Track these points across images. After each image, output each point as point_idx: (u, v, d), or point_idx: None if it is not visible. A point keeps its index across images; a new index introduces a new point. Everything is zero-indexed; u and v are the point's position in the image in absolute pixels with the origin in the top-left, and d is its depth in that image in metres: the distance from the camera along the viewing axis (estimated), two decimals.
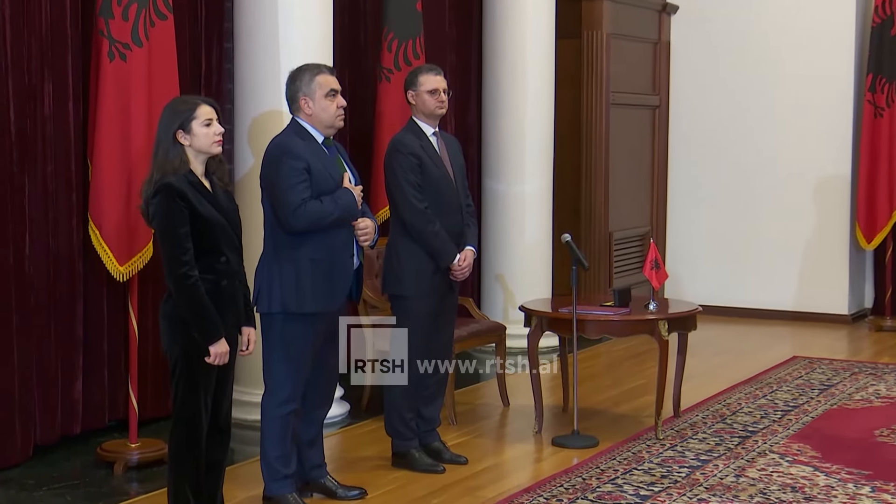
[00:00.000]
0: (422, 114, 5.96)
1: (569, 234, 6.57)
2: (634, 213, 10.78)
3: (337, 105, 5.22)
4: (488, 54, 9.22)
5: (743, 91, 10.87)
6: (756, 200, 10.86)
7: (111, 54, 5.75)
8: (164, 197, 4.47)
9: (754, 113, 10.83)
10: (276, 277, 5.13)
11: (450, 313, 6.11)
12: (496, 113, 9.15)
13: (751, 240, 10.92)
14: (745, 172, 10.90)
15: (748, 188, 10.90)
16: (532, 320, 6.67)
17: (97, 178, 5.79)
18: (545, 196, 9.22)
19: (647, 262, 6.72)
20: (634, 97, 10.69)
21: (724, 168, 11.00)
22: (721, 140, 11.01)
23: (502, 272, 9.14)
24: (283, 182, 5.06)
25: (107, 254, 5.81)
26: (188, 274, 4.47)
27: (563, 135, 9.87)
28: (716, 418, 7.04)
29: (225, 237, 4.61)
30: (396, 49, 7.79)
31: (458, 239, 5.95)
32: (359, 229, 5.23)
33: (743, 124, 10.90)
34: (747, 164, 10.89)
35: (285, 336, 5.15)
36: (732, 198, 10.98)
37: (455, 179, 5.98)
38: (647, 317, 6.54)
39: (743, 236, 10.95)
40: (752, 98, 10.83)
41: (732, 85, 10.91)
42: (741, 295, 10.90)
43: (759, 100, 10.80)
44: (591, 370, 8.47)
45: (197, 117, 4.58)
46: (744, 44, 10.84)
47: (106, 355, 6.46)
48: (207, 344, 4.53)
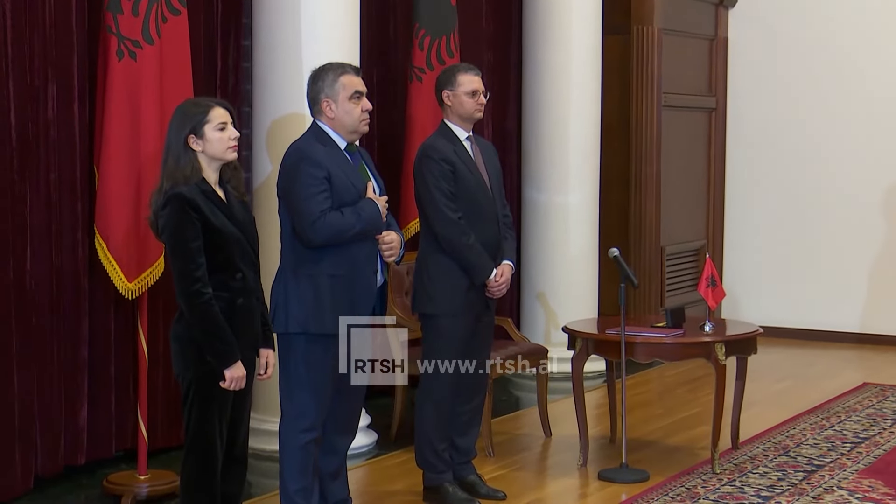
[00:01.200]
0: (457, 116, 5.97)
1: (616, 249, 6.55)
2: (688, 226, 10.77)
3: (362, 108, 5.23)
4: (528, 52, 9.22)
5: (808, 92, 10.83)
6: (822, 212, 10.82)
7: (120, 52, 5.77)
8: (174, 208, 4.48)
9: (820, 117, 10.79)
10: (294, 295, 5.14)
11: (486, 334, 6.11)
12: (537, 116, 9.15)
13: (816, 255, 10.87)
14: (809, 182, 10.86)
15: (813, 199, 10.85)
16: (576, 343, 6.67)
17: (104, 187, 5.81)
18: (590, 207, 9.22)
19: (702, 278, 6.70)
20: (688, 99, 10.68)
21: (787, 177, 10.96)
22: (783, 146, 10.97)
23: (544, 290, 9.13)
24: (302, 191, 5.06)
25: (114, 269, 5.84)
26: (201, 291, 4.47)
27: (610, 140, 9.86)
28: (778, 451, 7.01)
29: (241, 251, 4.61)
30: (428, 46, 7.80)
31: (494, 253, 5.94)
32: (383, 243, 5.22)
33: (807, 129, 10.85)
34: (812, 172, 10.85)
35: (304, 358, 5.16)
36: (796, 209, 10.94)
37: (491, 188, 5.98)
38: (702, 339, 6.52)
39: (807, 251, 10.90)
40: (818, 101, 10.78)
41: (796, 86, 10.88)
42: (805, 316, 10.84)
43: (825, 103, 10.76)
44: (641, 397, 8.45)
45: (210, 121, 4.58)
46: (810, 41, 10.80)
47: (113, 379, 6.48)
48: (222, 367, 4.53)
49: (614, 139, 10.03)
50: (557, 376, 8.15)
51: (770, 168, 11.04)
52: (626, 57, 10.11)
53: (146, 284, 5.92)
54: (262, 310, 4.79)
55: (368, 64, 7.80)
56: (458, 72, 6.01)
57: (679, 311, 6.72)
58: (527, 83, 9.26)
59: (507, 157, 9.30)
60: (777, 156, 11.01)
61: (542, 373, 7.32)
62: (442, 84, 6.01)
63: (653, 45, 10.07)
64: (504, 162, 7.82)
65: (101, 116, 5.87)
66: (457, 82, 5.96)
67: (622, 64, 10.10)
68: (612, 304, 9.04)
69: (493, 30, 9.35)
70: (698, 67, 10.87)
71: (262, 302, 4.80)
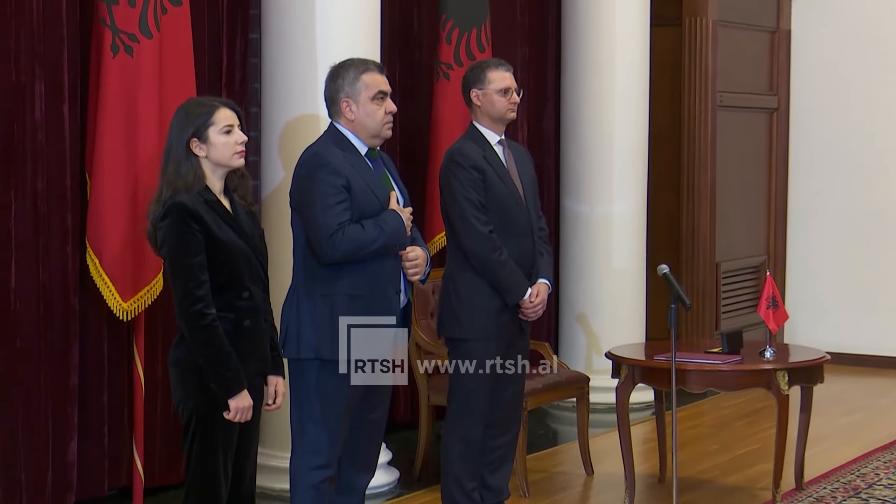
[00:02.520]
0: (487, 118, 5.98)
1: (666, 266, 6.49)
2: (747, 240, 10.75)
3: (385, 110, 5.22)
4: (568, 46, 9.23)
5: (882, 92, 10.81)
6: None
7: (115, 47, 5.81)
8: (174, 219, 4.49)
9: (895, 118, 10.77)
10: (307, 316, 5.13)
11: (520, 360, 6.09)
12: (578, 117, 9.16)
13: (890, 274, 10.83)
14: (882, 190, 10.84)
15: (886, 209, 10.83)
16: (621, 370, 6.67)
17: (97, 196, 5.84)
18: (637, 218, 9.22)
19: (762, 299, 6.70)
20: (747, 98, 10.68)
21: (858, 185, 10.94)
22: (854, 150, 10.95)
23: (584, 311, 9.14)
24: (318, 202, 5.06)
25: (108, 287, 5.88)
26: (204, 312, 4.48)
27: (659, 144, 9.87)
28: (847, 492, 6.98)
29: (248, 268, 4.62)
30: (457, 40, 7.83)
31: (529, 270, 5.95)
32: (407, 260, 5.22)
33: (882, 132, 10.83)
34: (885, 180, 10.82)
35: (318, 387, 5.15)
36: (868, 222, 10.92)
37: (525, 198, 5.99)
38: (762, 366, 6.51)
39: (880, 269, 10.87)
40: (893, 100, 10.76)
41: (868, 83, 10.86)
42: (877, 341, 10.80)
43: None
44: (693, 431, 8.44)
45: (215, 123, 4.60)
46: (884, 33, 10.78)
47: (106, 410, 6.48)
48: (227, 397, 4.53)
49: (664, 143, 10.03)
50: (600, 407, 8.15)
51: (839, 175, 11.01)
52: (677, 51, 10.12)
53: (143, 304, 5.96)
54: (271, 333, 4.80)
55: (390, 59, 7.81)
56: (489, 68, 6.02)
57: (736, 334, 6.71)
58: (566, 81, 9.26)
59: (544, 163, 9.31)
60: (847, 162, 10.98)
61: (584, 404, 7.32)
62: (470, 82, 6.02)
63: (707, 39, 10.07)
64: (540, 168, 7.83)
65: (93, 118, 5.91)
66: (487, 79, 5.97)
67: (673, 59, 10.11)
68: (661, 327, 9.06)
69: (529, 21, 9.35)
70: (758, 63, 10.87)
71: (271, 324, 4.80)
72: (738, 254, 10.61)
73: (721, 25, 10.21)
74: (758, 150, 10.93)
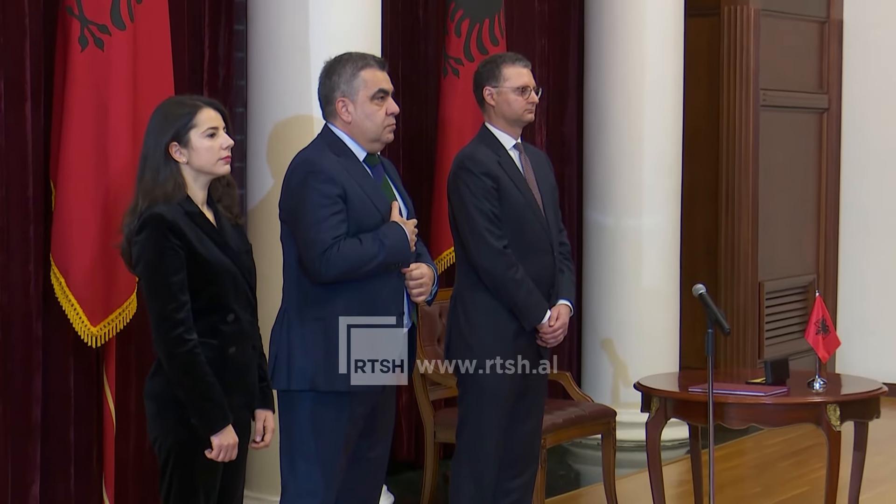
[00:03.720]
0: (502, 119, 5.99)
1: (703, 286, 6.50)
2: (794, 257, 10.76)
3: (387, 111, 5.21)
4: (592, 38, 9.25)
5: None
6: None
7: (83, 40, 5.81)
8: (151, 233, 4.48)
9: None
10: (299, 343, 5.12)
11: (538, 392, 6.11)
12: (603, 119, 9.17)
13: None
14: None
15: None
16: (652, 403, 6.67)
17: (63, 207, 5.84)
18: (670, 232, 9.23)
19: (811, 323, 6.69)
20: (793, 97, 10.68)
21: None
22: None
23: (610, 336, 9.14)
24: (310, 213, 5.05)
25: (75, 310, 5.87)
26: (184, 338, 4.48)
27: (695, 148, 9.87)
28: None
29: (234, 288, 4.62)
30: (468, 32, 7.84)
31: (548, 290, 5.97)
32: (411, 279, 5.21)
33: None
34: None
35: (312, 422, 5.14)
36: None
37: (545, 209, 6.00)
38: (811, 399, 6.50)
39: None
40: None
41: None
42: None
43: None
44: (733, 472, 8.43)
45: (197, 125, 4.60)
46: None
47: (73, 447, 6.45)
48: (209, 433, 4.52)
49: (700, 147, 10.04)
50: (628, 445, 8.16)
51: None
52: (714, 44, 10.14)
53: (115, 329, 5.96)
54: (259, 361, 4.80)
55: (392, 53, 7.82)
56: (504, 63, 6.02)
57: (782, 363, 6.72)
58: (590, 77, 9.28)
59: (565, 170, 9.33)
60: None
61: (610, 441, 7.31)
62: (483, 79, 6.03)
63: (748, 30, 10.08)
64: (560, 175, 7.81)
65: (59, 119, 5.91)
66: (502, 76, 5.98)
67: (710, 53, 10.13)
68: (696, 355, 9.10)
69: (549, 11, 9.36)
70: (806, 57, 10.88)
71: (259, 351, 4.80)
72: (783, 272, 10.61)
73: (764, 15, 10.21)
74: (806, 156, 10.94)
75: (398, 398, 7.43)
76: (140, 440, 6.53)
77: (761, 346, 10.24)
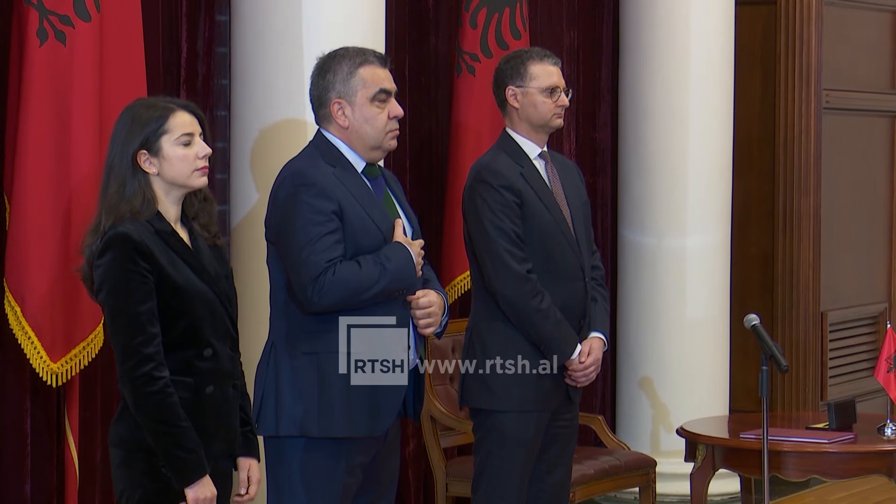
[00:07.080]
0: (526, 124, 6.01)
1: (756, 316, 6.46)
2: (862, 283, 10.82)
3: (389, 115, 5.24)
4: (629, 30, 9.27)
5: None
6: None
7: (42, 32, 5.83)
8: (116, 255, 4.49)
9: None
10: (288, 381, 5.13)
11: (567, 439, 6.13)
12: (641, 123, 9.17)
13: None
14: None
15: None
16: (698, 451, 6.74)
17: (18, 226, 5.88)
18: (719, 254, 9.24)
19: (881, 359, 6.74)
20: (863, 98, 10.72)
21: None
22: None
23: (650, 374, 9.13)
24: (301, 233, 5.05)
25: (32, 343, 5.89)
26: (153, 375, 4.47)
27: (747, 158, 9.92)
28: None
29: (211, 318, 4.63)
30: (485, 24, 7.85)
31: (579, 321, 6.01)
32: (418, 308, 5.22)
33: None
34: None
35: (304, 472, 5.16)
36: None
37: (574, 228, 6.03)
38: (881, 447, 6.58)
39: None
40: None
41: None
42: None
43: None
44: None
45: (169, 131, 4.61)
46: None
47: (29, 500, 6.45)
48: (183, 484, 4.52)
49: (753, 157, 10.09)
50: (670, 500, 8.24)
51: None
52: (770, 37, 10.15)
53: (78, 366, 5.99)
54: (242, 402, 4.82)
55: (397, 48, 7.86)
56: (531, 60, 6.03)
57: (848, 405, 6.79)
58: (626, 76, 9.30)
59: (598, 183, 9.40)
60: None
61: (649, 494, 7.35)
62: (506, 77, 6.03)
63: (810, 21, 10.09)
64: (592, 189, 7.78)
65: (13, 123, 5.96)
66: (528, 75, 5.99)
67: (765, 47, 10.16)
68: (749, 396, 9.12)
69: (578, 1, 9.36)
70: (878, 53, 10.93)
71: (242, 391, 4.82)
72: (849, 301, 10.65)
73: (828, 4, 10.25)
74: (875, 166, 10.98)
75: (404, 445, 7.52)
76: (107, 495, 6.52)
77: (824, 386, 10.26)
